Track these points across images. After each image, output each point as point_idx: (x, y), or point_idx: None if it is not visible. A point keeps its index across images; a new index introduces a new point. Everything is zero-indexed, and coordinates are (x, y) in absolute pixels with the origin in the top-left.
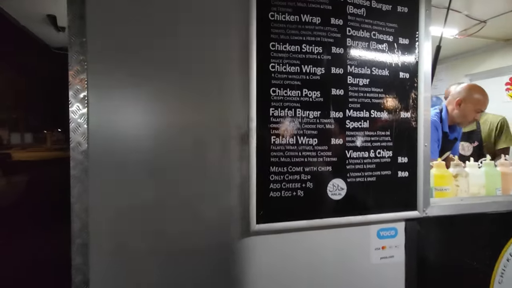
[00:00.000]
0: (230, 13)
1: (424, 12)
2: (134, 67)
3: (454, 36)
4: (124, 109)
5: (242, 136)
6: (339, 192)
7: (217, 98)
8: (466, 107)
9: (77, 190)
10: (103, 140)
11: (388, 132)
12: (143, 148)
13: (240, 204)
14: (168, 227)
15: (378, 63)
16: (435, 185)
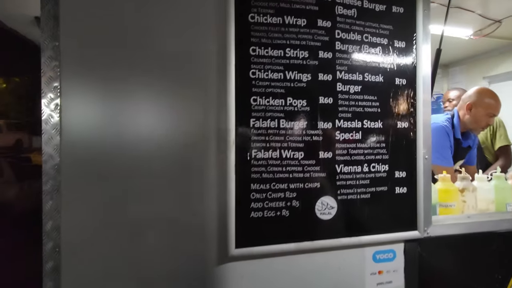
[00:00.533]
0: (206, 14)
1: (422, 12)
2: (110, 73)
3: (469, 37)
4: (99, 118)
5: (220, 150)
6: (329, 211)
7: (192, 107)
8: (477, 111)
9: (48, 207)
10: (76, 153)
11: (383, 144)
12: (117, 163)
13: (218, 226)
14: (142, 248)
15: (371, 68)
16: (440, 200)
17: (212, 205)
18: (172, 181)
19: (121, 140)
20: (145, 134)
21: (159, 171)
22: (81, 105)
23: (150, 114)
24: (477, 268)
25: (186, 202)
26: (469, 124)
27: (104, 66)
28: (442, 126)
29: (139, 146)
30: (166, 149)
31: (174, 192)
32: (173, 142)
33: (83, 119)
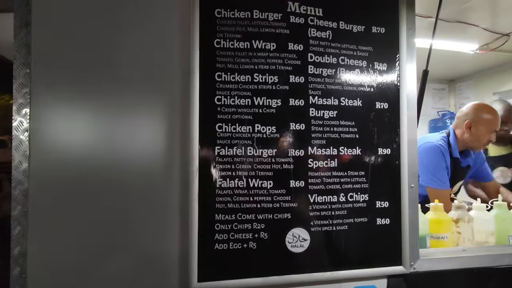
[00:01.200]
0: (170, 40)
1: (406, 31)
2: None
3: (475, 51)
4: (66, 144)
5: (183, 179)
6: (300, 244)
7: (155, 134)
8: (477, 129)
9: (17, 232)
10: (44, 178)
11: (362, 172)
12: (80, 190)
13: (179, 257)
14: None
15: (348, 92)
16: (431, 232)
17: (174, 236)
18: (133, 209)
19: (85, 166)
20: (107, 162)
21: (120, 200)
22: (49, 130)
23: (112, 140)
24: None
25: (146, 231)
26: (470, 143)
27: (71, 92)
28: (436, 145)
29: (101, 173)
30: (128, 176)
31: (134, 220)
32: (135, 169)
33: (51, 143)
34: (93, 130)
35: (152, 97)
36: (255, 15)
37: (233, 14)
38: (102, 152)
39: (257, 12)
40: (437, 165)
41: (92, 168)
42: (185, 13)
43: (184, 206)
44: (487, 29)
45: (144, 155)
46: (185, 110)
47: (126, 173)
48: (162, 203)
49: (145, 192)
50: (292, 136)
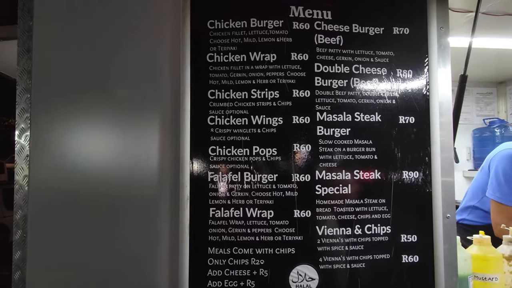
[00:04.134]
0: (160, 55)
1: (437, 30)
2: (74, 122)
3: None
4: (64, 165)
5: (173, 207)
6: (307, 284)
7: (144, 158)
8: None
9: (18, 257)
10: (44, 203)
11: (383, 200)
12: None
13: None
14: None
15: (364, 106)
16: (475, 271)
17: (163, 271)
18: (122, 238)
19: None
20: (96, 186)
21: (106, 228)
22: (48, 154)
23: (101, 164)
24: None
25: (134, 263)
26: None
27: (68, 115)
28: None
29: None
30: (116, 201)
31: (121, 251)
32: (124, 195)
33: (49, 167)
34: (86, 154)
35: (143, 120)
36: (252, 24)
37: (228, 24)
38: (94, 176)
39: (254, 20)
40: (509, 177)
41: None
42: (175, 27)
43: (173, 238)
44: None
45: (133, 180)
46: (176, 132)
47: (115, 201)
48: (149, 235)
49: (134, 219)
50: (296, 159)
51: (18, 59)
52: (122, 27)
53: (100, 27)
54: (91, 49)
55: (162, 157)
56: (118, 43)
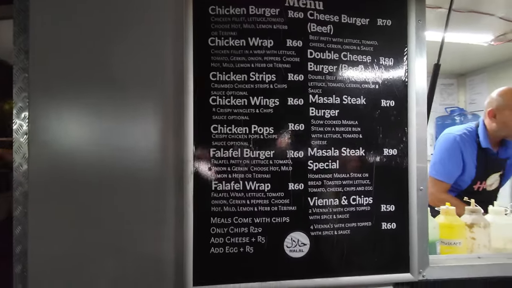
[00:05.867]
0: (163, 39)
1: (416, 23)
2: (75, 102)
3: (489, 43)
4: (63, 146)
5: (177, 181)
6: (300, 249)
7: (149, 137)
8: (503, 116)
9: (18, 232)
10: (44, 180)
11: (366, 174)
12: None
13: (174, 262)
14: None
15: (351, 90)
16: (442, 237)
17: (169, 240)
18: (128, 212)
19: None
20: (102, 164)
21: (113, 202)
22: (47, 133)
23: (106, 143)
24: None
25: (141, 234)
26: (500, 132)
27: (69, 96)
28: (453, 137)
29: (93, 179)
30: (121, 179)
31: (129, 223)
32: (128, 172)
33: (49, 145)
34: (89, 132)
35: (146, 99)
36: (251, 11)
37: (228, 11)
38: (97, 154)
39: (253, 8)
40: (443, 156)
41: (87, 169)
42: (178, 12)
43: (178, 210)
44: (504, 18)
45: (138, 157)
46: (179, 111)
47: (120, 176)
48: (156, 206)
49: (140, 194)
50: (290, 137)
51: (14, 38)
52: (124, 9)
53: (101, 7)
54: (91, 28)
55: (166, 135)
56: (120, 21)
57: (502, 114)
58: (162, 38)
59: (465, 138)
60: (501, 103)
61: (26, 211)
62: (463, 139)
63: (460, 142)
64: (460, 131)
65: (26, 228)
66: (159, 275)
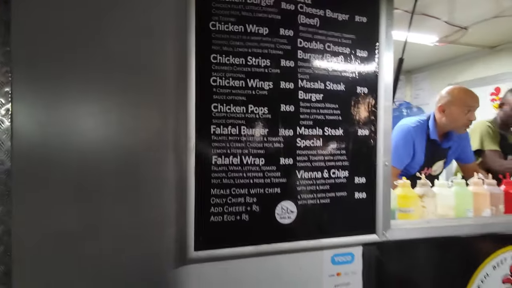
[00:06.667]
0: (166, 21)
1: (385, 22)
2: (65, 78)
3: (434, 44)
4: (50, 123)
5: (179, 155)
6: (288, 216)
7: (152, 113)
8: (451, 111)
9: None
10: (27, 158)
11: (343, 151)
12: (70, 166)
13: (177, 230)
14: (95, 252)
15: (333, 77)
16: (399, 206)
17: (172, 210)
18: (131, 186)
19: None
20: (104, 139)
21: (116, 175)
22: (32, 110)
23: (110, 120)
24: (436, 273)
25: (146, 204)
26: (448, 125)
27: (57, 72)
28: (407, 128)
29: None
30: (125, 155)
31: (133, 196)
32: (132, 148)
33: (34, 122)
34: (83, 108)
35: (150, 79)
36: (249, 0)
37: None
38: (99, 133)
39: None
40: (398, 145)
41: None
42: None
43: (180, 182)
44: (447, 22)
45: (142, 133)
46: (182, 90)
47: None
48: (160, 178)
49: (142, 168)
50: (282, 117)
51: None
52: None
53: None
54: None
55: (168, 114)
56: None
57: (450, 109)
58: (165, 22)
59: (417, 129)
60: (449, 100)
61: (9, 190)
62: (416, 130)
63: (413, 132)
64: (413, 122)
65: (10, 206)
66: (163, 242)
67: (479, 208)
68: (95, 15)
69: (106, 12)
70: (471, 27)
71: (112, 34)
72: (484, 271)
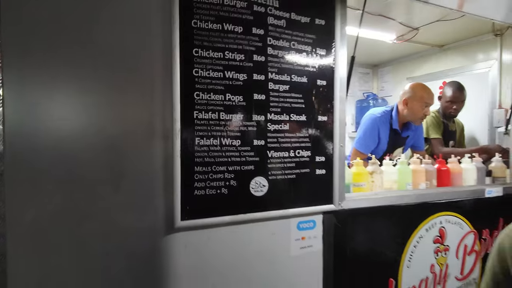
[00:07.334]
0: (152, 18)
1: (340, 24)
2: (55, 67)
3: (393, 41)
4: (42, 109)
5: (167, 137)
6: (261, 189)
7: (142, 100)
8: (413, 105)
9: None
10: (19, 144)
11: (306, 134)
12: (62, 150)
13: (165, 203)
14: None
15: (297, 71)
16: (353, 181)
17: (161, 185)
18: (124, 166)
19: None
20: (96, 121)
21: (109, 156)
22: (23, 96)
23: (101, 106)
24: (382, 234)
25: (137, 179)
26: (408, 117)
27: (47, 59)
28: (374, 117)
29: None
30: (117, 138)
31: (127, 175)
32: (124, 131)
33: (25, 109)
34: (74, 95)
35: (139, 71)
36: (226, 2)
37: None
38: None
39: None
40: (366, 133)
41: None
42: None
43: (168, 161)
44: (402, 23)
45: (133, 118)
46: (168, 80)
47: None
48: (150, 157)
49: (134, 149)
50: (255, 104)
51: None
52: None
53: None
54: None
55: (156, 101)
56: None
57: (412, 104)
58: (152, 18)
59: (382, 119)
60: (411, 95)
61: (2, 171)
62: (381, 119)
63: (379, 121)
64: (379, 113)
65: (3, 190)
66: (153, 213)
67: (416, 182)
68: (88, 8)
69: (99, 5)
70: (422, 28)
71: (102, 26)
72: (420, 233)
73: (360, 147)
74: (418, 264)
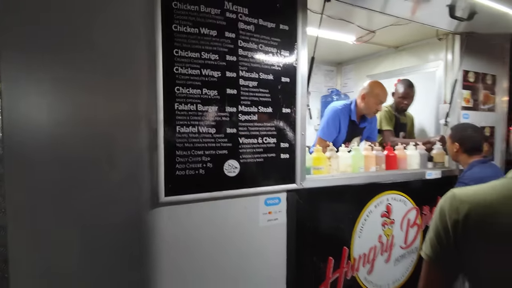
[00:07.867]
0: (137, 22)
1: (301, 30)
2: (50, 68)
3: (353, 42)
4: (38, 105)
5: (152, 125)
6: (233, 170)
7: (131, 94)
8: (369, 100)
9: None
10: (16, 145)
11: (273, 124)
12: (55, 137)
13: (151, 182)
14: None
15: (265, 69)
16: (313, 164)
17: (147, 166)
18: (115, 151)
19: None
20: (88, 112)
21: (100, 142)
22: (20, 91)
23: (94, 100)
24: (336, 210)
25: (125, 162)
26: (364, 110)
27: (44, 58)
28: (336, 109)
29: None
30: (109, 125)
31: (117, 158)
32: (114, 121)
33: (22, 104)
34: (69, 89)
35: (125, 68)
36: (202, 9)
37: (186, 6)
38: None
39: (203, 6)
40: (328, 123)
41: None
42: (149, 4)
43: (152, 146)
44: (360, 26)
45: (118, 112)
46: (153, 76)
47: (105, 123)
48: (137, 143)
49: (123, 135)
50: (228, 98)
51: None
52: None
53: None
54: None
55: (142, 93)
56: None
57: (368, 99)
58: (136, 21)
59: (343, 110)
60: (369, 91)
61: (2, 156)
62: (342, 111)
63: (340, 113)
64: (341, 105)
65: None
66: (140, 191)
67: (368, 166)
68: (86, 13)
69: (97, 9)
70: (378, 31)
71: (95, 28)
72: (369, 208)
73: (323, 135)
74: (367, 235)
